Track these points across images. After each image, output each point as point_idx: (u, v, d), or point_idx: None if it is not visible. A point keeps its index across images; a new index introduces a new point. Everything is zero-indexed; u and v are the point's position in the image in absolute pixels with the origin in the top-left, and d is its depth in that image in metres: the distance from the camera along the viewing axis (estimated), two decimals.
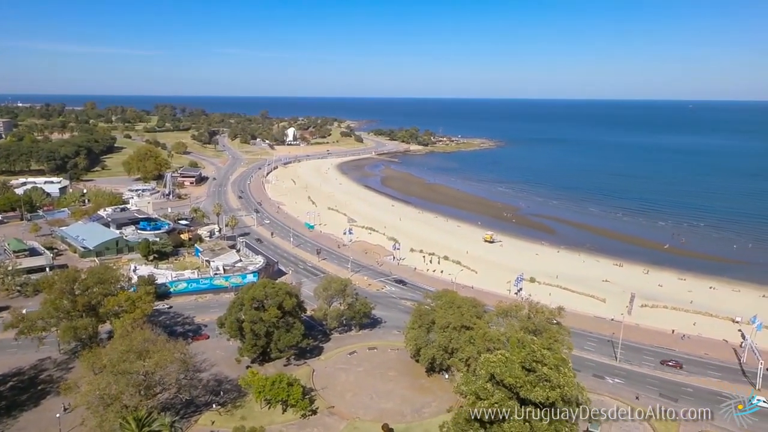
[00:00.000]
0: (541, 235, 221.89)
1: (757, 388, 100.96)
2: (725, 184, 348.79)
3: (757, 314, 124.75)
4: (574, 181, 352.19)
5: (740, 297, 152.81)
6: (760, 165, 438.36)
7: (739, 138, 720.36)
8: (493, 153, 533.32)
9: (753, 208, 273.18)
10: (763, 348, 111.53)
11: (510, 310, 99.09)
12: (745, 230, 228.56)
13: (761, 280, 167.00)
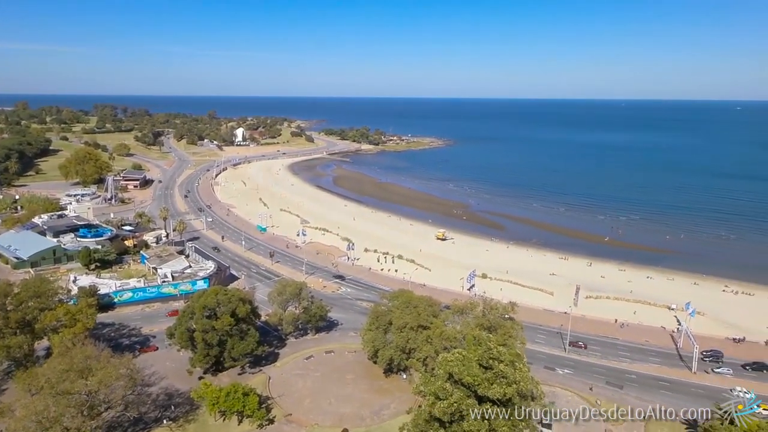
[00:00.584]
0: (491, 231, 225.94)
1: (693, 371, 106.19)
2: (656, 178, 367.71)
3: (690, 301, 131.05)
4: (520, 178, 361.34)
5: (674, 285, 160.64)
6: (685, 160, 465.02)
7: (668, 134, 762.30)
8: (443, 151, 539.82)
9: (682, 201, 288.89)
10: (697, 333, 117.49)
11: (465, 308, 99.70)
12: (676, 222, 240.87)
13: (692, 268, 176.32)
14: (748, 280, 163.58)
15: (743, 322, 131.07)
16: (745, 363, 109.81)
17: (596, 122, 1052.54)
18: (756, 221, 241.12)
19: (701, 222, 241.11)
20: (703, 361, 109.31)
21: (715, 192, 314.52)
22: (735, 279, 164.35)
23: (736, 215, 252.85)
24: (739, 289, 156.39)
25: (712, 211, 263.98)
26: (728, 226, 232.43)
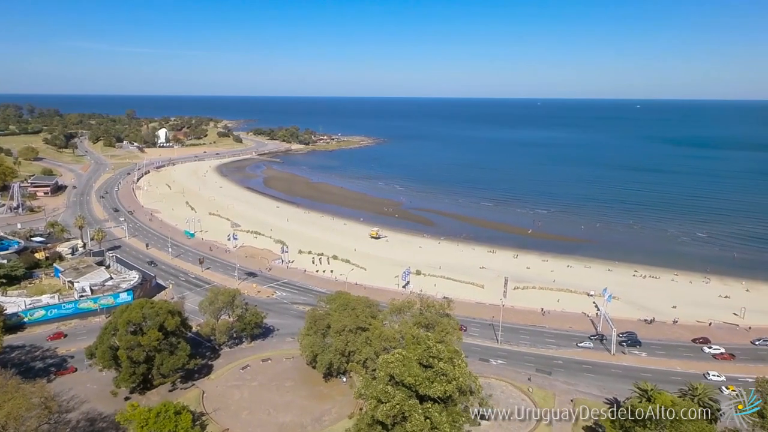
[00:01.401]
0: (423, 228, 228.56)
1: (612, 353, 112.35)
2: (570, 172, 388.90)
3: (607, 287, 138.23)
4: (449, 175, 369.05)
5: (591, 272, 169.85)
6: (594, 155, 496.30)
7: (579, 131, 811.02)
8: (373, 150, 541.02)
9: (594, 193, 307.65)
10: (614, 317, 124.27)
11: (403, 307, 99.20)
12: (590, 213, 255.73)
13: (606, 255, 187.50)
14: (654, 264, 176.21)
15: (652, 303, 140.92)
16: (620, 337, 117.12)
17: (516, 120, 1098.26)
18: (656, 211, 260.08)
19: (611, 212, 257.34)
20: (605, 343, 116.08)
21: (621, 184, 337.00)
22: (642, 264, 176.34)
23: (640, 205, 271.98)
24: (646, 273, 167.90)
25: (619, 202, 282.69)
26: (634, 215, 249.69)
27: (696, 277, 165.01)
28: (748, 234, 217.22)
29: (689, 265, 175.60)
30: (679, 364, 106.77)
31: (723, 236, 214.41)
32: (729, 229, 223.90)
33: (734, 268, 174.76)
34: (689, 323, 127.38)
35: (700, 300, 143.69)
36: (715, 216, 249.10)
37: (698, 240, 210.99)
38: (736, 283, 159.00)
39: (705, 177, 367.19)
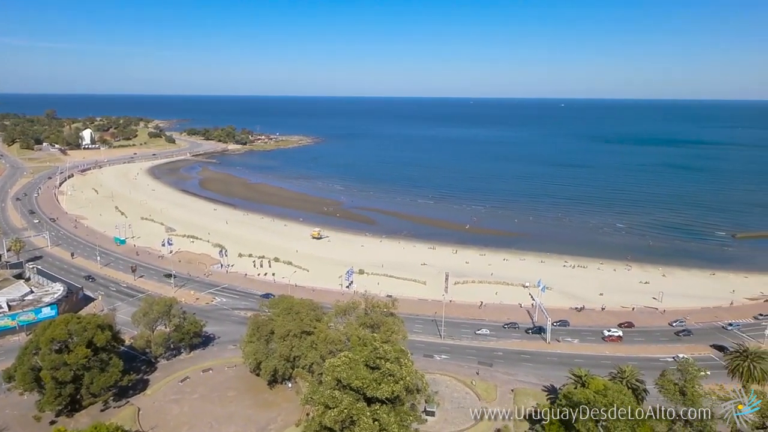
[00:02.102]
0: (364, 226, 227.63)
1: (548, 342, 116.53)
2: (503, 168, 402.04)
3: (541, 278, 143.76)
4: (388, 173, 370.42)
5: (526, 264, 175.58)
6: (524, 151, 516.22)
7: (509, 129, 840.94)
8: (312, 149, 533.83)
9: (526, 188, 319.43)
10: (548, 306, 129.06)
11: (348, 308, 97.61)
12: (523, 207, 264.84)
13: (539, 248, 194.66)
14: (581, 254, 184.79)
15: (581, 292, 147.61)
16: (505, 323, 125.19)
17: (449, 119, 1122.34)
18: (580, 204, 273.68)
19: (541, 206, 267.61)
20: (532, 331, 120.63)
21: (549, 179, 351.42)
22: (571, 255, 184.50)
23: (566, 199, 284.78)
24: (575, 264, 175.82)
25: (548, 196, 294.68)
26: (562, 209, 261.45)
27: (619, 265, 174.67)
28: (660, 223, 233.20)
29: (612, 254, 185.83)
30: (608, 349, 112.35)
31: (639, 226, 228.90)
32: (644, 219, 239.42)
33: (651, 255, 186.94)
34: (615, 309, 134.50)
35: (624, 286, 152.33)
36: (631, 207, 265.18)
37: (618, 230, 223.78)
38: (654, 269, 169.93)
39: (621, 171, 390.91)
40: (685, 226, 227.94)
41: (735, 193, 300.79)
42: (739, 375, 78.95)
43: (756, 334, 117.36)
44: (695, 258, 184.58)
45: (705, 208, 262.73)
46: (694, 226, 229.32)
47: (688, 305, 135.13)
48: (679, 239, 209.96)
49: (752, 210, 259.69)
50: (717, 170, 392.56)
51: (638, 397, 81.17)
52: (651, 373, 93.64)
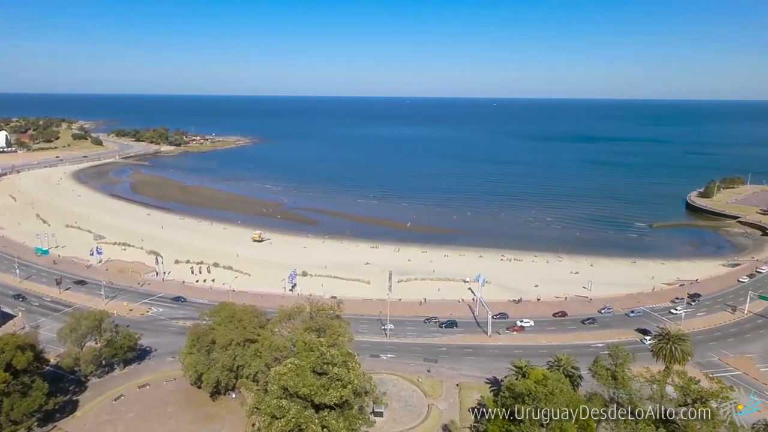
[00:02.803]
0: (306, 227, 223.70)
1: (489, 335, 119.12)
2: (442, 166, 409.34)
3: (480, 273, 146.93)
4: (329, 173, 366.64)
5: (466, 260, 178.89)
6: (461, 149, 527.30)
7: (445, 127, 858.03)
8: (250, 150, 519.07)
9: (463, 185, 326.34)
10: (488, 300, 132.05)
11: (292, 313, 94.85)
12: (460, 204, 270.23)
13: (477, 243, 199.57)
14: (516, 248, 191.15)
15: (518, 284, 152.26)
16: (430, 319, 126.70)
17: (387, 118, 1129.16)
18: (513, 199, 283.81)
19: (478, 203, 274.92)
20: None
21: (484, 176, 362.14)
22: (508, 248, 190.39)
23: (501, 195, 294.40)
24: (511, 257, 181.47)
25: (484, 192, 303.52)
26: (497, 204, 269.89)
27: (551, 257, 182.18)
28: (586, 216, 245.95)
29: (545, 247, 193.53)
30: (545, 338, 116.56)
31: (567, 219, 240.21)
32: (571, 213, 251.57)
33: (579, 246, 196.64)
34: (550, 299, 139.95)
35: (556, 277, 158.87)
36: (558, 201, 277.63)
37: (548, 224, 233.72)
38: (583, 260, 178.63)
39: (549, 167, 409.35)
40: (608, 218, 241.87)
41: (651, 186, 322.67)
42: (663, 357, 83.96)
43: (673, 317, 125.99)
44: (618, 248, 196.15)
45: (625, 201, 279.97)
46: (616, 217, 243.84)
47: (614, 292, 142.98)
48: (603, 230, 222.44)
49: (666, 201, 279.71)
50: (635, 165, 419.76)
51: (574, 384, 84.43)
52: (584, 359, 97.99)
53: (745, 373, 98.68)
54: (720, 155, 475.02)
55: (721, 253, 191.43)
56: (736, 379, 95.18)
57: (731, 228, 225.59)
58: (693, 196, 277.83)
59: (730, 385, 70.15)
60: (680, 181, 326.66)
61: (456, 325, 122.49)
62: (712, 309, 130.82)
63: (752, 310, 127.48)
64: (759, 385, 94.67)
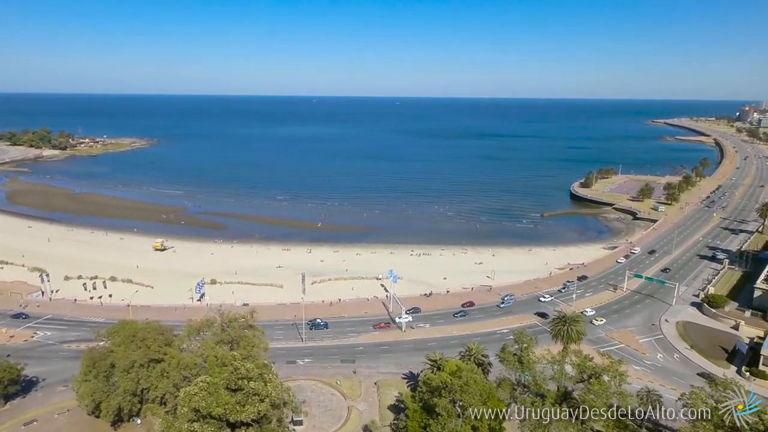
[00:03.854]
0: (213, 232, 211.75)
1: (403, 330, 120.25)
2: (348, 164, 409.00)
3: (392, 269, 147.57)
4: (233, 174, 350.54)
5: (377, 257, 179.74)
6: (366, 148, 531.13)
7: (352, 126, 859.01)
8: (148, 152, 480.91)
9: (370, 183, 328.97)
10: (401, 296, 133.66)
11: (202, 326, 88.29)
12: (369, 201, 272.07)
13: (388, 239, 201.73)
14: (424, 243, 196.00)
15: (428, 278, 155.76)
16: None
17: (292, 117, 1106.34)
18: (418, 195, 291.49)
19: (386, 200, 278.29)
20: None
21: (390, 173, 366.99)
22: (416, 243, 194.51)
23: (406, 192, 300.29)
24: (420, 252, 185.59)
25: (390, 190, 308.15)
26: (404, 201, 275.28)
27: (456, 249, 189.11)
28: (484, 209, 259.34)
29: (450, 240, 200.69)
30: (456, 329, 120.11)
31: (467, 212, 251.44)
32: (470, 206, 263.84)
33: (480, 238, 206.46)
34: (458, 291, 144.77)
35: (463, 269, 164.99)
36: (458, 196, 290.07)
37: (450, 218, 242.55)
38: (485, 250, 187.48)
39: (447, 163, 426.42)
40: (504, 210, 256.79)
41: (539, 179, 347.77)
42: (561, 338, 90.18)
43: (566, 298, 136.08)
44: (515, 237, 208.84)
45: (517, 194, 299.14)
46: (511, 209, 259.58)
47: (515, 280, 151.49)
48: (500, 222, 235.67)
49: (553, 192, 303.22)
50: (523, 159, 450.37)
51: (485, 371, 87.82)
52: (492, 345, 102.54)
53: (628, 345, 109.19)
54: (595, 149, 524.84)
55: (601, 237, 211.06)
56: (621, 351, 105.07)
57: (608, 214, 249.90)
58: (575, 186, 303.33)
59: (619, 359, 76.60)
60: (564, 173, 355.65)
61: (327, 326, 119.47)
62: (597, 289, 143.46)
63: (630, 287, 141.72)
64: (638, 355, 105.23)
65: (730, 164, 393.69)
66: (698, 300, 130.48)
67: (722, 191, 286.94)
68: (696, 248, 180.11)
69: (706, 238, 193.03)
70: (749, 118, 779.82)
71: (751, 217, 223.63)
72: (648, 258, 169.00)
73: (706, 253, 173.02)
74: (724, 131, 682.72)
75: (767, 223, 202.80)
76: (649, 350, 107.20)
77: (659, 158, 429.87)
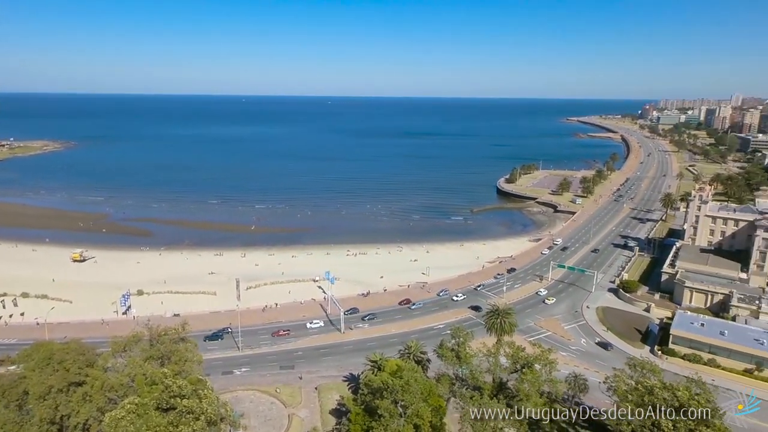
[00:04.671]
0: (139, 240, 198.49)
1: (342, 332, 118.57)
2: (278, 165, 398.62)
3: (329, 270, 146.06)
4: (158, 178, 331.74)
5: (314, 258, 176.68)
6: (298, 148, 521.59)
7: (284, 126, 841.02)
8: (63, 156, 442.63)
9: (303, 183, 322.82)
10: (339, 296, 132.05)
11: (128, 343, 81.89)
12: (302, 202, 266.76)
13: (323, 240, 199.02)
14: (360, 242, 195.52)
15: (365, 277, 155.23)
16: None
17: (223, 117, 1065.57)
18: (351, 195, 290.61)
19: (320, 200, 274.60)
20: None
21: (322, 173, 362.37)
22: (352, 243, 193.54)
23: (340, 192, 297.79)
24: (357, 251, 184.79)
25: (323, 189, 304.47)
26: (338, 201, 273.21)
27: (392, 248, 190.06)
28: (416, 206, 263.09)
29: (385, 239, 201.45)
30: (394, 327, 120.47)
31: (400, 210, 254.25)
32: (403, 204, 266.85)
33: (414, 235, 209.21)
34: (394, 289, 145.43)
35: (399, 266, 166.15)
36: (390, 194, 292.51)
37: (384, 216, 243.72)
38: (420, 247, 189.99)
39: (378, 161, 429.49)
40: (435, 207, 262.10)
41: (467, 176, 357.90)
42: (495, 330, 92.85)
43: (497, 290, 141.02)
44: (447, 233, 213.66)
45: (448, 190, 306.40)
46: (442, 206, 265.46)
47: (449, 275, 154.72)
48: (433, 219, 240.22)
49: (482, 188, 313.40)
50: (451, 157, 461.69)
51: (424, 368, 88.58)
52: (429, 341, 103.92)
53: (554, 332, 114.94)
54: (518, 146, 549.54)
55: (527, 230, 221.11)
56: (549, 339, 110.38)
57: (532, 208, 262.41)
58: (502, 182, 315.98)
59: (549, 348, 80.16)
60: (491, 169, 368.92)
61: (221, 337, 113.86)
62: (525, 280, 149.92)
63: (554, 277, 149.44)
64: (564, 341, 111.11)
65: (635, 158, 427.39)
66: (614, 286, 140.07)
67: (630, 183, 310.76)
68: (610, 237, 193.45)
69: (618, 228, 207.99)
70: (650, 116, 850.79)
71: (655, 206, 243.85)
72: (568, 249, 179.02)
73: (619, 242, 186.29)
74: (629, 128, 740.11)
75: (669, 212, 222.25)
76: (573, 336, 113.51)
77: (575, 154, 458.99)
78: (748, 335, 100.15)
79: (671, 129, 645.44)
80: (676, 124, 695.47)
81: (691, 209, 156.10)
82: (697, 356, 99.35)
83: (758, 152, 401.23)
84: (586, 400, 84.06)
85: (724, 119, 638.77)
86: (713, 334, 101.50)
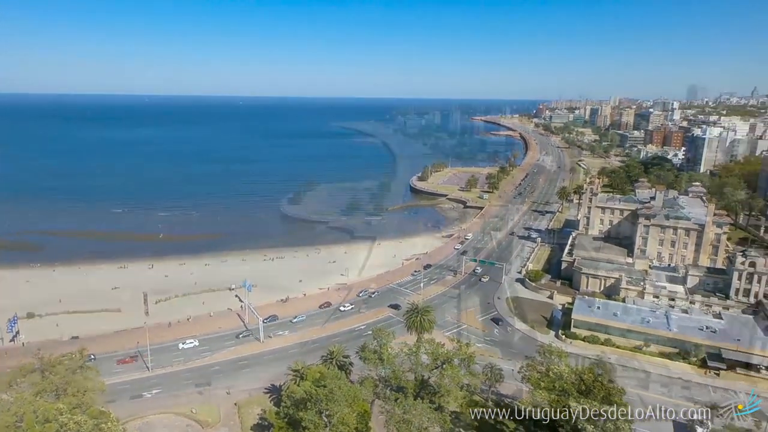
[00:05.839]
0: (27, 255, 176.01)
1: (261, 341, 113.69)
2: (182, 170, 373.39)
3: (246, 278, 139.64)
4: (51, 185, 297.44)
5: (228, 266, 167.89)
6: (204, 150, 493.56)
7: (190, 128, 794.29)
8: None
9: (209, 188, 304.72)
10: (257, 305, 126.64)
11: (14, 377, 71.91)
12: (211, 207, 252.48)
13: (238, 246, 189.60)
14: (276, 246, 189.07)
15: (284, 282, 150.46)
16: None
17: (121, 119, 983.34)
18: (264, 197, 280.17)
19: (230, 204, 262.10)
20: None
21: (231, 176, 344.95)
22: (269, 248, 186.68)
23: (251, 195, 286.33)
24: (274, 256, 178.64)
25: (235, 193, 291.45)
26: (250, 204, 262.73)
27: (310, 250, 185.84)
28: (331, 206, 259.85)
29: (302, 241, 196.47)
30: (315, 332, 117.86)
31: (317, 211, 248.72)
32: (318, 206, 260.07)
33: (332, 235, 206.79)
34: (314, 292, 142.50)
35: (318, 269, 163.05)
36: (306, 195, 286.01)
37: (302, 217, 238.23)
38: (338, 248, 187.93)
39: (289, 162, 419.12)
40: (351, 206, 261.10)
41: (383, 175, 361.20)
42: (414, 328, 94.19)
43: (415, 287, 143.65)
44: (364, 232, 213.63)
45: (363, 190, 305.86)
46: (358, 205, 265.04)
47: (369, 274, 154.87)
48: (349, 218, 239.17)
49: (396, 187, 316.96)
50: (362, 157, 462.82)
51: (347, 372, 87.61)
52: (351, 343, 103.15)
53: (470, 325, 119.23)
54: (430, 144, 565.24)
55: (439, 226, 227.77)
56: (466, 332, 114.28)
57: (443, 204, 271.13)
58: (414, 180, 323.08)
59: (467, 342, 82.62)
60: (405, 167, 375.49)
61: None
62: (440, 276, 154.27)
63: (467, 271, 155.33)
64: (479, 333, 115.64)
65: (533, 155, 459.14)
66: (521, 276, 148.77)
67: (529, 179, 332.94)
68: (516, 229, 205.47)
69: (522, 219, 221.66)
70: (543, 115, 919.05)
71: (553, 199, 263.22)
72: (480, 242, 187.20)
73: (523, 234, 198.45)
74: (526, 126, 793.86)
75: (565, 204, 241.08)
76: (487, 327, 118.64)
77: (480, 151, 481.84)
78: (637, 315, 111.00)
79: (562, 127, 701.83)
80: (566, 123, 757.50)
81: (583, 201, 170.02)
82: (595, 337, 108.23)
83: (634, 147, 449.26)
84: (502, 389, 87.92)
85: (605, 118, 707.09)
86: (608, 316, 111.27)
